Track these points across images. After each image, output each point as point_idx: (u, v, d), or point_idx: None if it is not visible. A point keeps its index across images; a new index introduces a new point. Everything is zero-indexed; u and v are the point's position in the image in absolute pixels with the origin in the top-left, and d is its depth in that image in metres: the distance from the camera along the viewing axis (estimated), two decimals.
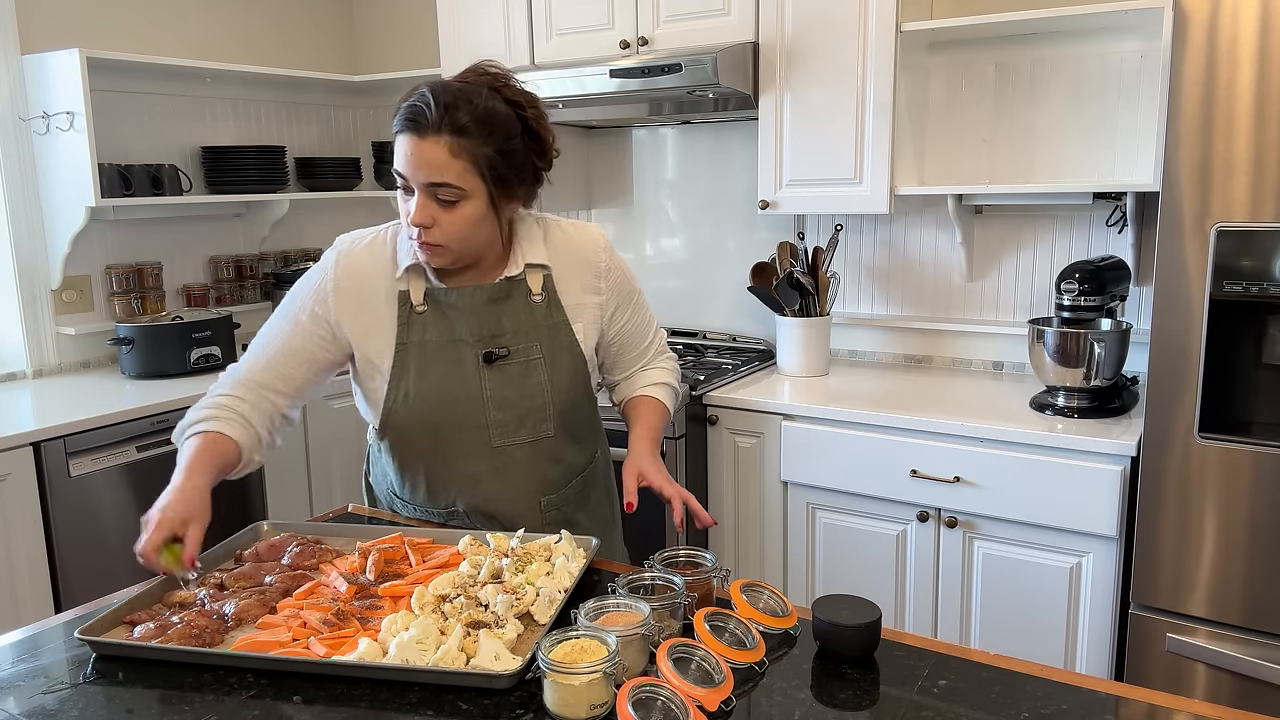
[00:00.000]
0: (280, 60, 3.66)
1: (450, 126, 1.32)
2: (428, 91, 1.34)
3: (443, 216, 1.37)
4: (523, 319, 1.49)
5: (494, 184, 1.38)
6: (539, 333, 1.50)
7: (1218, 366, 1.89)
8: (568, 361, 1.52)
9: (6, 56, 2.85)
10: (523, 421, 1.50)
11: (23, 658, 1.18)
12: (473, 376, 1.47)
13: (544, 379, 1.50)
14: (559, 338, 1.51)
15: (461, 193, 1.36)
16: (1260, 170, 1.79)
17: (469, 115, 1.33)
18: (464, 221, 1.38)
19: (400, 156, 1.36)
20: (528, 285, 1.50)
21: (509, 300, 1.49)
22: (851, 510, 2.46)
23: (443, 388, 1.47)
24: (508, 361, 1.48)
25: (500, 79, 1.40)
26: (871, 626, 1.14)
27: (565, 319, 1.52)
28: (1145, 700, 1.06)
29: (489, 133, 1.35)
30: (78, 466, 2.49)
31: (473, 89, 1.36)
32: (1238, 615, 1.93)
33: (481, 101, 1.35)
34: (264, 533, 1.53)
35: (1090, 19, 2.39)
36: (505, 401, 1.48)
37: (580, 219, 3.46)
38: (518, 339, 1.49)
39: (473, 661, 1.11)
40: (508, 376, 1.48)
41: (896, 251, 2.93)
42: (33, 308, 2.97)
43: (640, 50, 2.79)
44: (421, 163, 1.34)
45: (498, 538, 1.39)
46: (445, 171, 1.34)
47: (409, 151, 1.34)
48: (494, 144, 1.35)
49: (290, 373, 1.48)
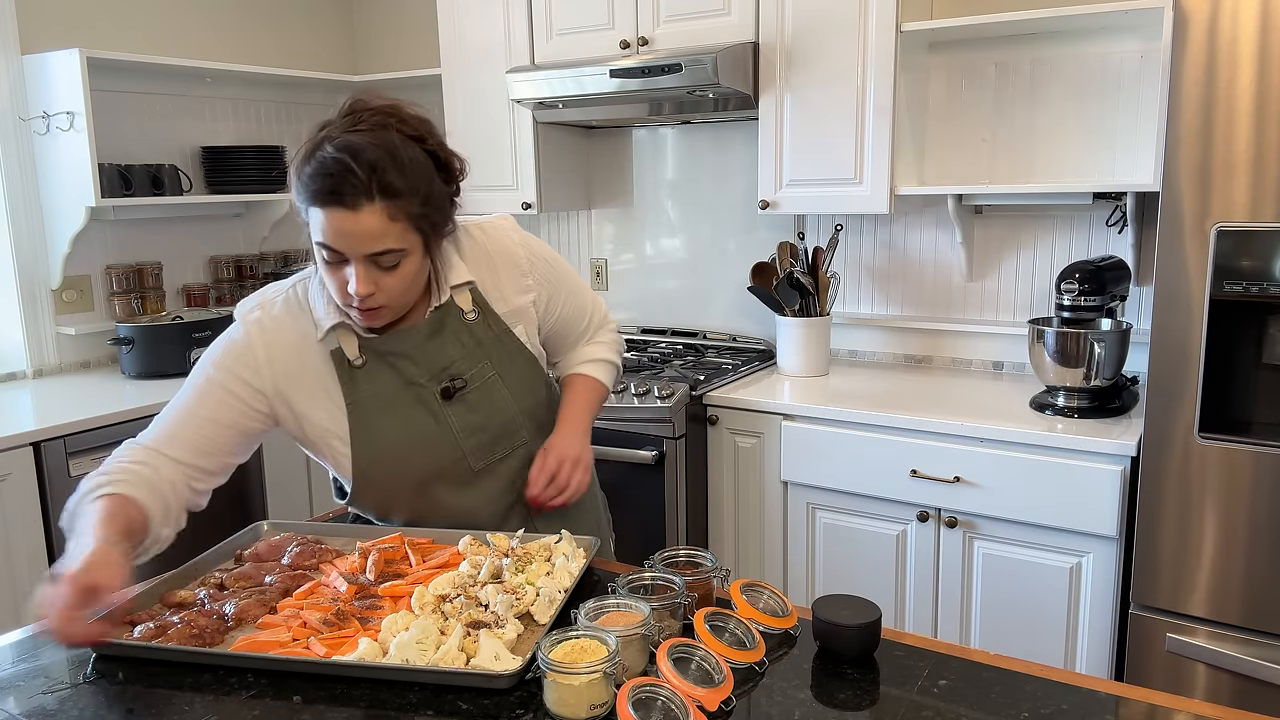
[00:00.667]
0: (280, 60, 3.66)
1: (381, 190, 1.23)
2: (343, 155, 1.22)
3: (384, 280, 1.29)
4: (466, 342, 1.44)
5: (429, 232, 1.32)
6: (485, 350, 1.46)
7: (1218, 366, 1.89)
8: (522, 366, 1.50)
9: (6, 56, 2.85)
10: (497, 440, 1.49)
11: (23, 658, 1.18)
12: (437, 414, 1.43)
13: (506, 394, 1.48)
14: (505, 348, 1.48)
15: (402, 254, 1.29)
16: (1260, 170, 1.79)
17: (396, 174, 1.24)
18: (406, 279, 1.32)
19: (328, 231, 1.25)
20: (458, 307, 1.44)
21: (445, 329, 1.43)
22: (851, 510, 2.46)
23: (411, 433, 1.42)
24: (467, 390, 1.44)
25: (396, 117, 1.29)
26: (871, 626, 1.14)
27: (505, 327, 1.48)
28: (1145, 700, 1.06)
29: (415, 187, 1.27)
30: (78, 466, 2.49)
31: (386, 140, 1.26)
32: (1238, 615, 1.93)
33: (403, 154, 1.26)
34: (264, 533, 1.53)
35: (1090, 19, 2.39)
36: (475, 428, 1.46)
37: (580, 219, 3.46)
38: (468, 364, 1.44)
39: (473, 661, 1.11)
40: (470, 404, 1.45)
41: (896, 251, 2.93)
42: (33, 308, 2.97)
43: (640, 50, 2.79)
44: (359, 235, 1.24)
45: (497, 538, 1.39)
46: (386, 238, 1.26)
47: (339, 226, 1.24)
48: (420, 196, 1.27)
49: (218, 444, 1.37)
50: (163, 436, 1.37)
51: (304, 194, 1.26)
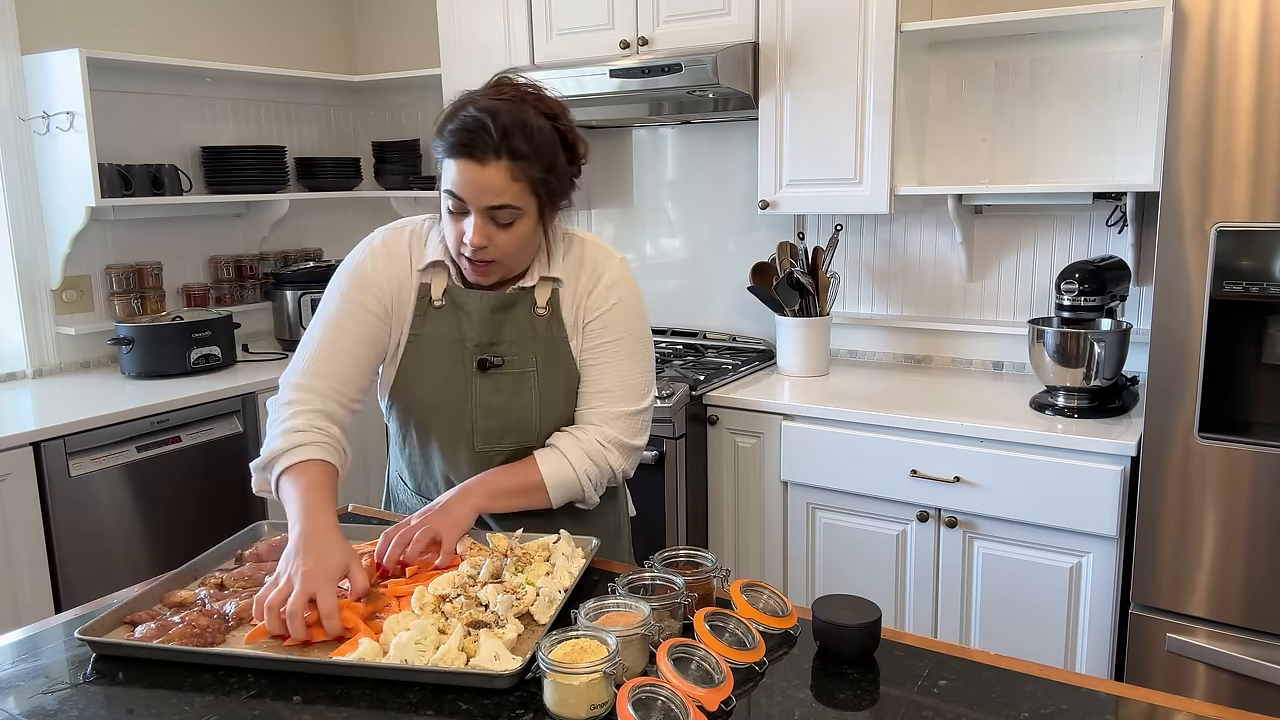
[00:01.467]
0: (280, 60, 3.66)
1: (509, 151, 1.35)
2: (483, 115, 1.35)
3: (498, 236, 1.40)
4: (523, 330, 1.50)
5: (545, 200, 1.42)
6: (536, 346, 1.50)
7: (1218, 366, 1.89)
8: (562, 377, 1.52)
9: (6, 56, 2.85)
10: (508, 431, 1.51)
11: (23, 658, 1.18)
12: (468, 381, 1.50)
13: (534, 393, 1.51)
14: (556, 353, 1.51)
15: (518, 213, 1.39)
16: (1260, 170, 1.79)
17: (524, 139, 1.36)
18: (519, 239, 1.42)
19: (458, 181, 1.37)
20: (534, 298, 1.50)
21: (513, 310, 1.50)
22: (851, 510, 2.46)
23: (440, 387, 1.50)
24: (501, 371, 1.50)
25: (534, 94, 1.42)
26: (871, 626, 1.14)
27: (565, 335, 1.51)
28: (1145, 700, 1.06)
29: (541, 154, 1.38)
30: (78, 466, 2.49)
31: (522, 110, 1.38)
32: (1238, 615, 1.93)
33: (533, 123, 1.37)
34: (264, 533, 1.53)
35: (1090, 19, 2.39)
36: (492, 409, 1.50)
37: (580, 219, 3.46)
38: (514, 349, 1.50)
39: (473, 661, 1.11)
40: (498, 385, 1.50)
41: (896, 251, 2.93)
42: (33, 308, 2.97)
43: (640, 50, 2.79)
44: (482, 188, 1.36)
45: (497, 538, 1.39)
46: (505, 194, 1.37)
47: (469, 177, 1.36)
48: (544, 163, 1.39)
49: (361, 362, 1.49)
50: (324, 364, 1.47)
51: (442, 146, 1.39)
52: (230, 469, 2.86)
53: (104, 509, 2.55)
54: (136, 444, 2.62)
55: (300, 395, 1.45)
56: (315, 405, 1.44)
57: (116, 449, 2.58)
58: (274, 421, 1.44)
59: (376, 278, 1.50)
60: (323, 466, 1.39)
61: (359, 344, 1.48)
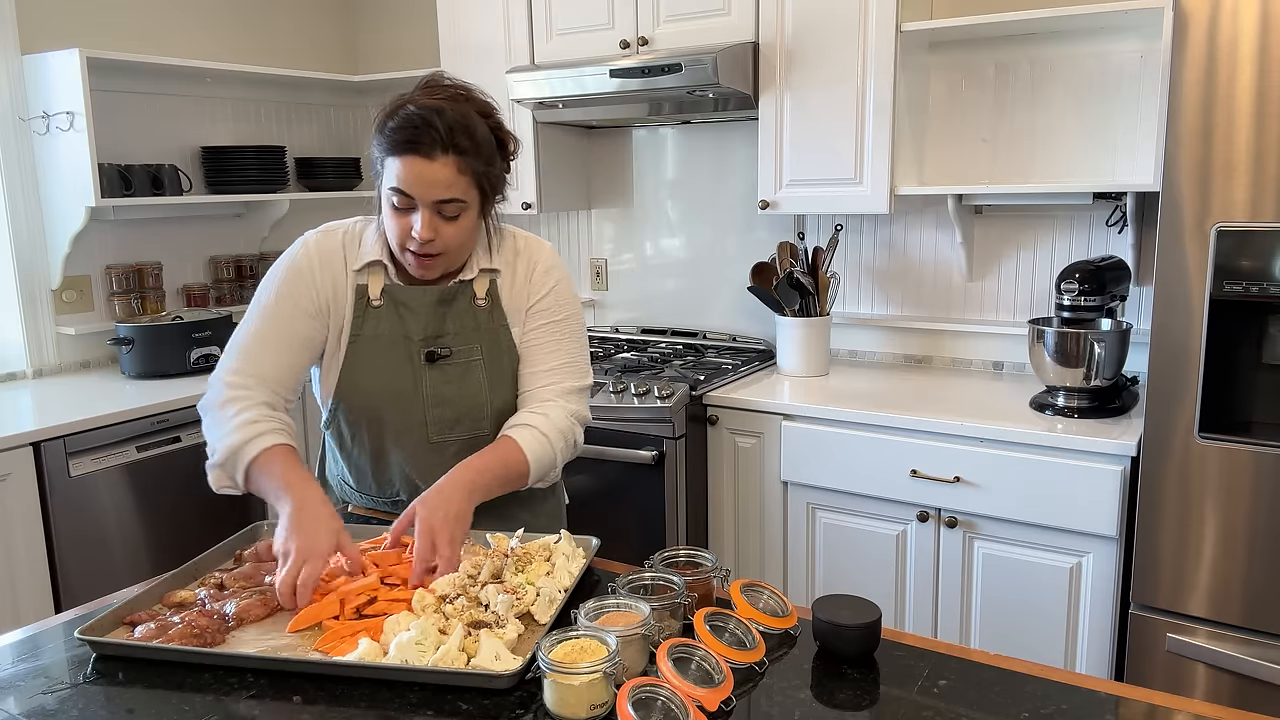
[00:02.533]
0: (280, 60, 3.66)
1: (454, 147, 1.41)
2: (428, 113, 1.40)
3: (444, 229, 1.45)
4: (465, 322, 1.55)
5: (487, 193, 1.48)
6: (480, 336, 1.55)
7: (1218, 366, 1.89)
8: (507, 365, 1.57)
9: (6, 56, 2.85)
10: (459, 420, 1.55)
11: (23, 658, 1.18)
12: (416, 373, 1.53)
13: (482, 381, 1.55)
14: (499, 342, 1.57)
15: (463, 205, 1.44)
16: (1260, 170, 1.79)
17: (467, 135, 1.42)
18: (463, 231, 1.47)
19: (404, 177, 1.41)
20: (474, 290, 1.56)
21: (455, 303, 1.55)
22: (851, 510, 2.46)
23: (388, 382, 1.53)
24: (449, 362, 1.54)
25: (464, 93, 1.47)
26: (871, 626, 1.14)
27: (506, 323, 1.57)
28: (1145, 700, 1.06)
29: (482, 149, 1.44)
30: (78, 466, 2.49)
31: (463, 108, 1.44)
32: (1238, 615, 1.93)
33: (474, 120, 1.43)
34: (264, 533, 1.53)
35: (1090, 19, 2.39)
36: (443, 399, 1.54)
37: (580, 219, 3.46)
38: (459, 340, 1.55)
39: (473, 661, 1.11)
40: (447, 376, 1.54)
41: (896, 251, 2.93)
42: (33, 308, 2.97)
43: (640, 50, 2.79)
44: (432, 182, 1.41)
45: (498, 538, 1.39)
46: (453, 188, 1.42)
47: (418, 172, 1.40)
48: (485, 158, 1.45)
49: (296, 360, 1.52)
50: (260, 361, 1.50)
51: (385, 144, 1.43)
52: None
53: (104, 509, 2.55)
54: (136, 444, 2.62)
55: (240, 392, 1.47)
56: (259, 398, 1.47)
57: (116, 449, 2.58)
58: (219, 420, 1.45)
59: (312, 277, 1.53)
60: (288, 449, 1.44)
61: (294, 341, 1.51)
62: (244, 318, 1.53)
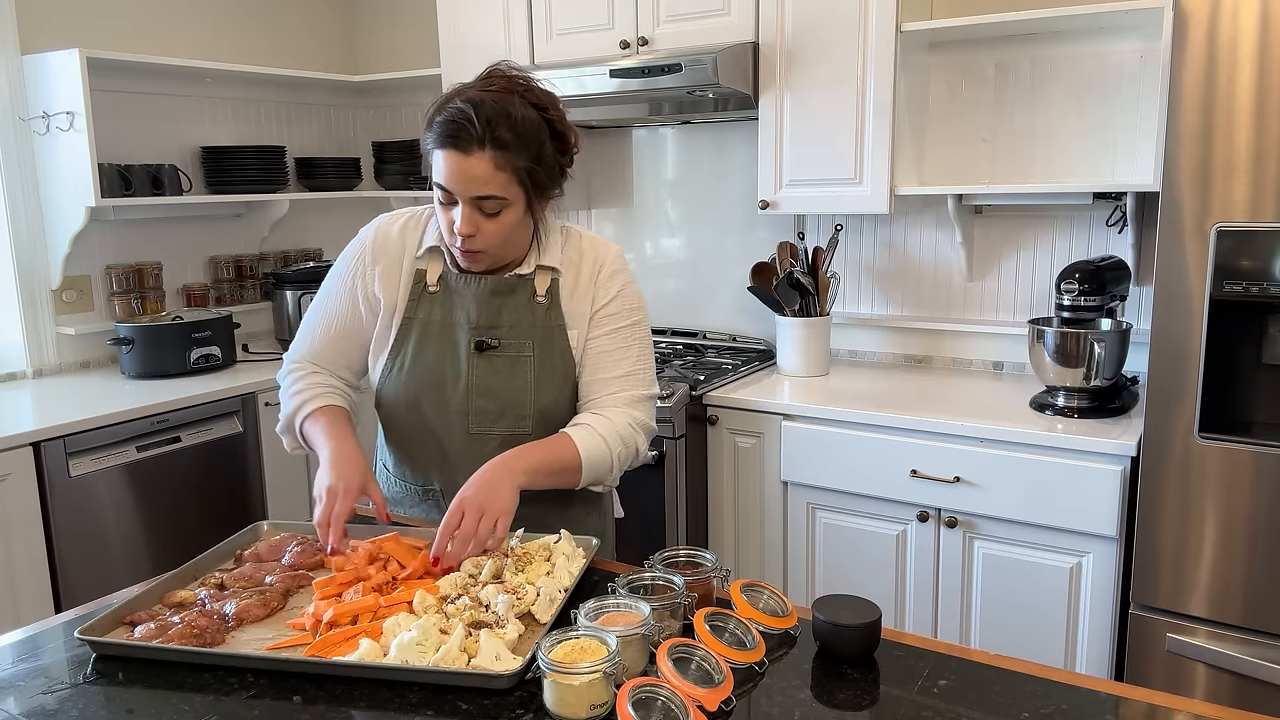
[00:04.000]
0: (280, 60, 3.66)
1: (493, 142, 1.37)
2: (467, 107, 1.38)
3: (485, 225, 1.43)
4: (521, 316, 1.52)
5: (532, 190, 1.44)
6: (534, 332, 1.53)
7: (1218, 366, 1.89)
8: (558, 365, 1.54)
9: (6, 56, 2.85)
10: (502, 414, 1.52)
11: (23, 658, 1.18)
12: (462, 362, 1.52)
13: (529, 377, 1.52)
14: (553, 341, 1.53)
15: (504, 202, 1.42)
16: (1260, 170, 1.79)
17: (508, 129, 1.38)
18: (506, 229, 1.44)
19: (443, 171, 1.40)
20: (534, 285, 1.53)
21: (512, 296, 1.53)
22: (851, 510, 2.46)
23: (433, 367, 1.53)
24: (497, 354, 1.52)
25: (522, 84, 1.44)
26: (871, 626, 1.14)
27: (562, 324, 1.54)
28: (1145, 700, 1.06)
29: (526, 144, 1.40)
30: (78, 466, 2.49)
31: (507, 101, 1.40)
32: (1238, 615, 1.93)
33: (518, 113, 1.39)
34: (264, 533, 1.53)
35: (1090, 19, 2.39)
36: (487, 391, 1.52)
37: (580, 219, 3.46)
38: (512, 334, 1.52)
39: (473, 661, 1.11)
40: (495, 368, 1.52)
41: (896, 251, 2.93)
42: (33, 308, 2.97)
43: (640, 50, 2.79)
44: (468, 178, 1.39)
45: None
46: (490, 184, 1.39)
47: (455, 167, 1.39)
48: (530, 153, 1.41)
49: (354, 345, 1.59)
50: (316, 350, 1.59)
51: (431, 138, 1.42)
52: (230, 469, 2.86)
53: (104, 509, 2.55)
54: (136, 444, 2.62)
55: (297, 365, 1.59)
56: (312, 370, 1.59)
57: (116, 449, 2.58)
58: (283, 391, 1.58)
59: (365, 261, 1.57)
60: (335, 409, 1.54)
61: (342, 322, 1.58)
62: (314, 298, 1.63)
